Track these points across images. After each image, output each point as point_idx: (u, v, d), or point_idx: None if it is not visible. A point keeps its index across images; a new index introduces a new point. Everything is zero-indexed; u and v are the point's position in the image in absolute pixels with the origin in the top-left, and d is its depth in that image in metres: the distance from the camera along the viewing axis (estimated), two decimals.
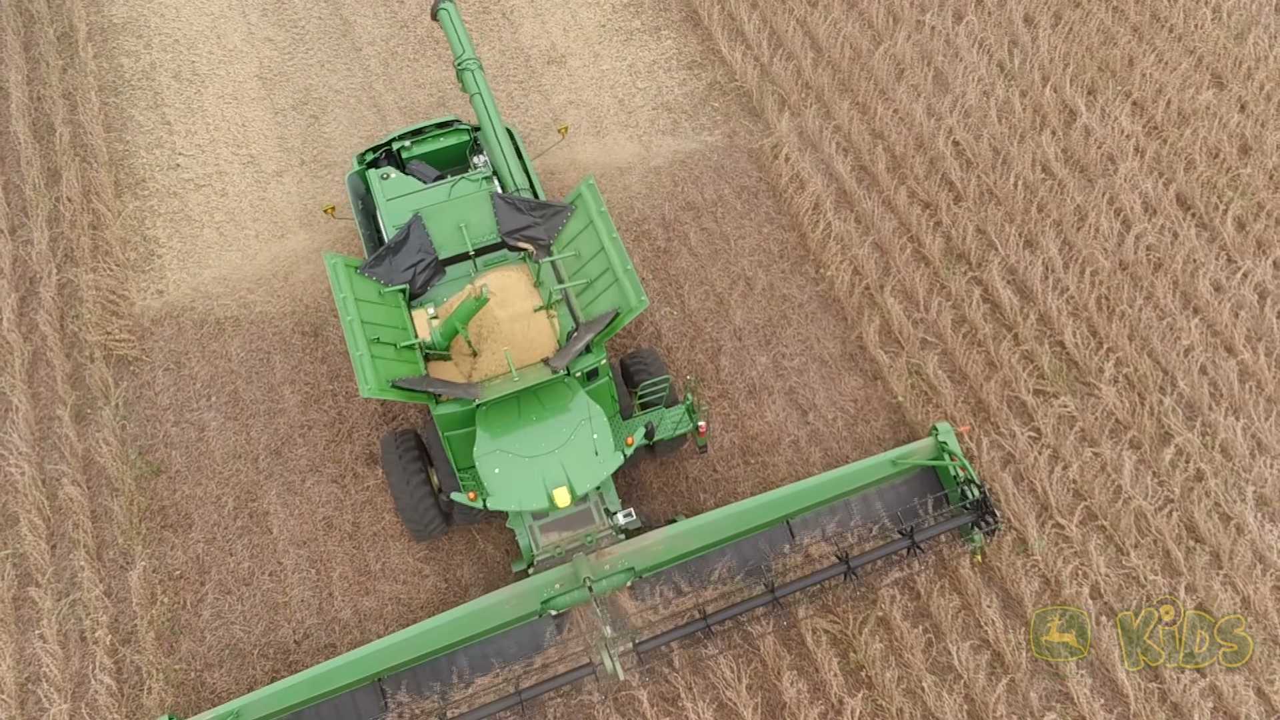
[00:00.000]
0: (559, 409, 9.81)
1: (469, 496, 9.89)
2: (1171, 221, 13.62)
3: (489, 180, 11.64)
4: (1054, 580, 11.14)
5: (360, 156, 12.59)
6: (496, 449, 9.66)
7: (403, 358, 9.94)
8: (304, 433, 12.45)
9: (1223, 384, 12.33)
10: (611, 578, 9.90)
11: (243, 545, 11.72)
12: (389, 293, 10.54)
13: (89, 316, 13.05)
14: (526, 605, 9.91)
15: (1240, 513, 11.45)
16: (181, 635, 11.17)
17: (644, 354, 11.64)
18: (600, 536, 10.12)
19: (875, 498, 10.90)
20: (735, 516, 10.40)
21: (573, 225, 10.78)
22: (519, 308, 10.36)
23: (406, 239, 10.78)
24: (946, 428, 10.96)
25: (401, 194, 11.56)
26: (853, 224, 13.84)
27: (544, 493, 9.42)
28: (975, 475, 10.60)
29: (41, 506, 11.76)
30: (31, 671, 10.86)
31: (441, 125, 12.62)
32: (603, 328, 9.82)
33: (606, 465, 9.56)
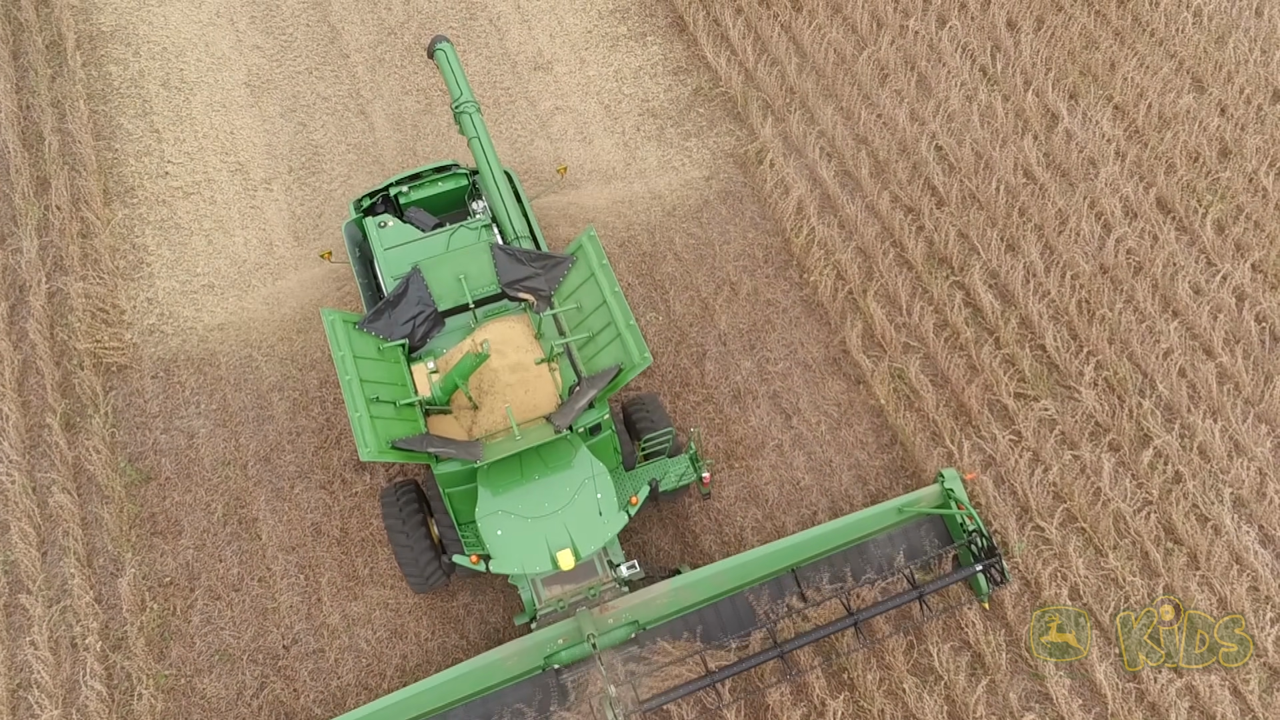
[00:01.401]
0: (561, 465, 9.70)
1: (472, 560, 9.85)
2: (1152, 225, 13.76)
3: (488, 229, 11.47)
4: (1034, 582, 11.28)
5: (357, 203, 12.37)
6: (499, 509, 9.52)
7: (403, 416, 9.80)
8: (292, 439, 12.56)
9: (1201, 386, 12.48)
10: (615, 632, 9.80)
11: (232, 551, 11.83)
12: (388, 348, 10.40)
13: (78, 325, 13.15)
14: (530, 661, 9.79)
15: (1218, 514, 11.60)
16: (172, 641, 11.29)
17: (646, 400, 11.48)
18: (604, 589, 9.94)
19: (883, 543, 10.82)
20: (740, 567, 10.27)
21: (574, 277, 10.65)
22: (520, 360, 10.24)
23: (405, 291, 10.65)
24: (953, 474, 10.84)
25: (399, 243, 11.36)
26: (836, 229, 13.97)
27: (548, 555, 9.29)
28: (983, 524, 10.52)
29: (32, 514, 11.87)
30: (23, 678, 10.97)
31: (439, 170, 12.42)
32: (606, 384, 9.69)
33: (611, 526, 9.45)
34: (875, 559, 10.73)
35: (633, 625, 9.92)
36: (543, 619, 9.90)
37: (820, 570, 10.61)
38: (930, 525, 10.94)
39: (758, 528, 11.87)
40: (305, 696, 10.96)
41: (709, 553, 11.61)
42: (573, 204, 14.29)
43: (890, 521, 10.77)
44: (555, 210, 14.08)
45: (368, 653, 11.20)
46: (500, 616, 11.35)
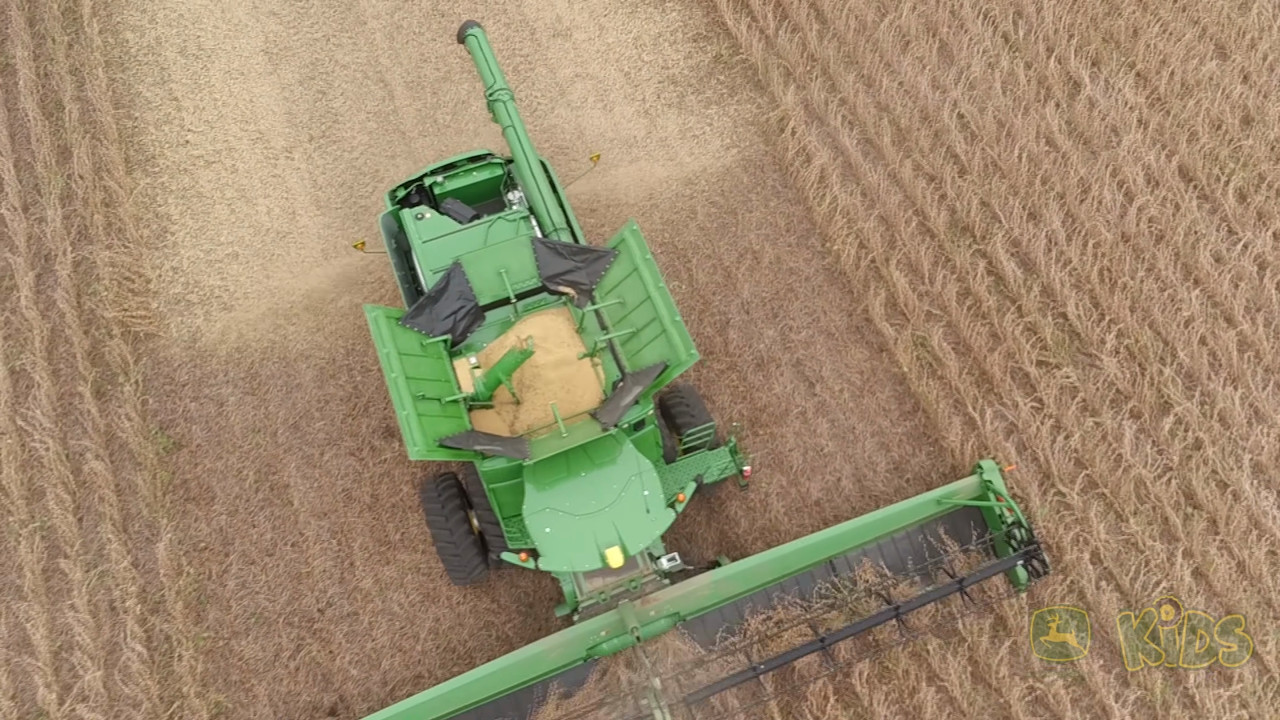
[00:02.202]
0: (606, 461, 9.70)
1: (520, 558, 9.96)
2: (1173, 193, 13.79)
3: (526, 220, 11.35)
4: (1055, 546, 11.47)
5: (392, 194, 12.20)
6: (546, 507, 9.55)
7: (448, 413, 9.78)
8: (321, 407, 12.68)
9: (1222, 354, 12.59)
10: (656, 623, 9.91)
11: (265, 517, 12.01)
12: (431, 344, 10.35)
13: (106, 294, 13.22)
14: (572, 653, 9.93)
15: (1237, 480, 11.76)
16: (208, 604, 11.49)
17: (684, 393, 11.46)
18: (645, 582, 9.99)
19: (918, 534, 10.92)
20: (779, 559, 10.39)
21: (616, 271, 10.57)
22: (562, 355, 10.19)
23: (446, 286, 10.56)
24: (992, 466, 10.90)
25: (437, 235, 11.21)
26: (859, 197, 14.00)
27: (596, 552, 9.31)
28: (1022, 516, 10.61)
29: (67, 481, 12.02)
30: (64, 640, 11.18)
31: (474, 159, 12.22)
32: (651, 381, 9.67)
33: (659, 523, 9.46)
34: (914, 550, 10.81)
35: (674, 617, 10.02)
36: (584, 611, 9.98)
37: (858, 562, 10.70)
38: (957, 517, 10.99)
39: (782, 493, 12.04)
40: (341, 658, 11.19)
41: (745, 539, 11.72)
42: (597, 177, 14.30)
43: (930, 512, 10.84)
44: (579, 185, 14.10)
45: (401, 616, 11.41)
46: (530, 580, 11.54)
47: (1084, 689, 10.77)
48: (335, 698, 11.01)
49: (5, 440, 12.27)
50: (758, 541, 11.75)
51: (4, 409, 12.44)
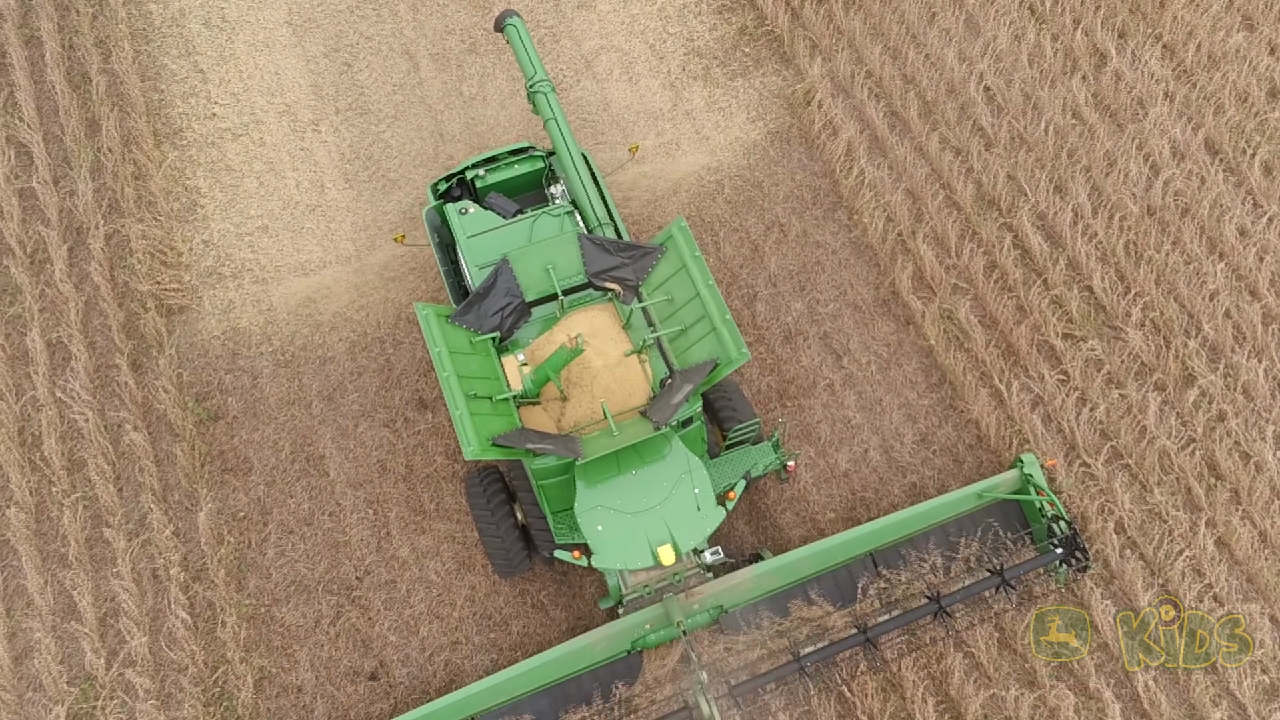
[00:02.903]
0: (656, 458, 9.74)
1: (574, 555, 10.10)
2: (1199, 166, 13.83)
3: (571, 215, 11.33)
4: (1080, 516, 11.66)
5: (434, 187, 12.19)
6: (598, 505, 9.57)
7: (499, 411, 9.83)
8: (354, 379, 12.84)
9: (1246, 327, 12.70)
10: (699, 616, 10.05)
11: (301, 488, 12.21)
12: (480, 341, 10.39)
13: (139, 267, 13.33)
14: (618, 645, 10.09)
15: (1260, 451, 11.92)
16: (249, 573, 11.73)
17: (728, 388, 11.52)
18: (689, 575, 10.10)
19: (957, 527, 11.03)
20: (820, 553, 10.50)
21: (663, 268, 10.55)
22: (609, 351, 10.22)
23: (494, 283, 10.55)
24: (1032, 459, 10.97)
25: (482, 230, 11.19)
26: (885, 170, 14.05)
27: (649, 550, 9.35)
28: (1064, 510, 10.71)
29: (106, 452, 12.21)
30: (110, 607, 11.43)
31: (515, 152, 12.18)
32: (702, 379, 9.70)
33: (710, 521, 9.52)
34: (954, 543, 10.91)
35: (717, 610, 10.16)
36: (629, 605, 10.14)
37: (899, 555, 10.82)
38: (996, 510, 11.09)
39: (810, 464, 12.22)
40: (380, 624, 11.44)
41: (773, 509, 11.89)
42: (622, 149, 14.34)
43: (970, 505, 10.94)
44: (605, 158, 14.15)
45: (438, 584, 11.64)
46: None
47: (1107, 654, 11.01)
48: (375, 663, 11.28)
49: (45, 412, 12.44)
50: (786, 511, 11.95)
51: (43, 381, 12.60)
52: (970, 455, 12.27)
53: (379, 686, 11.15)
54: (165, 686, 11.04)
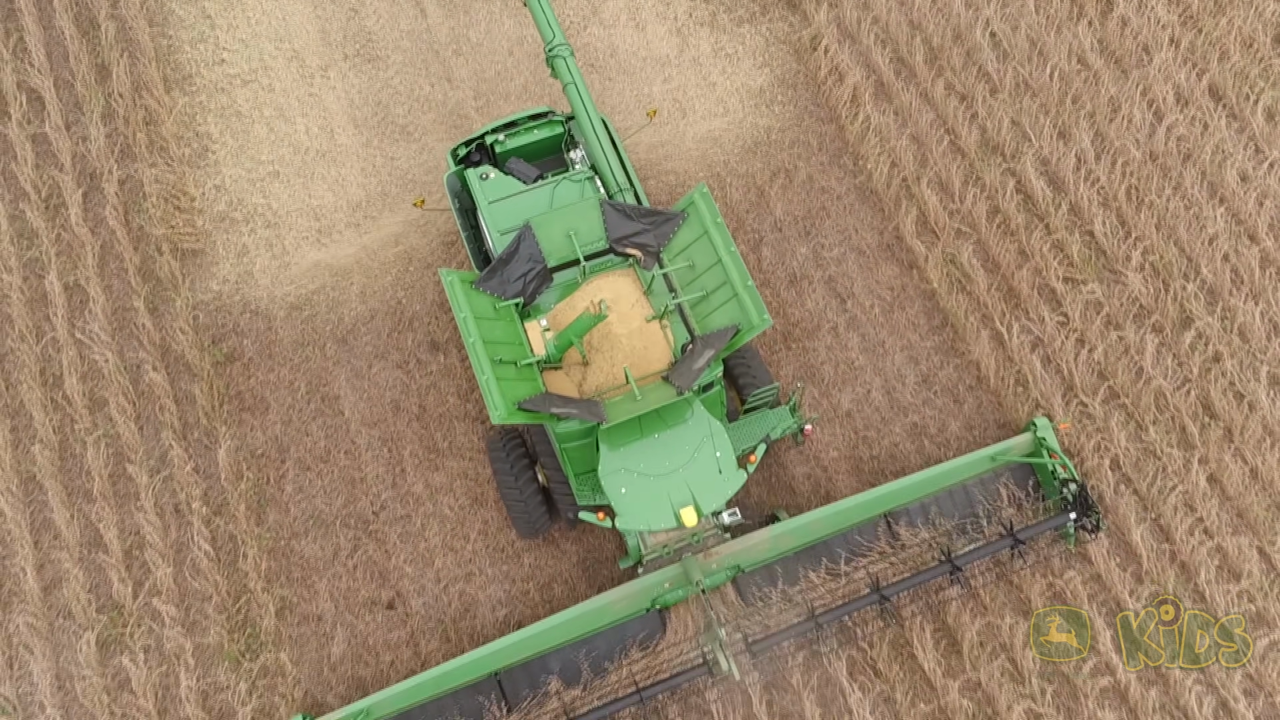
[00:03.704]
0: (678, 421, 9.92)
1: (599, 516, 10.34)
2: (1203, 112, 13.94)
3: (591, 181, 11.35)
4: (1076, 452, 11.97)
5: (453, 152, 12.18)
6: (621, 468, 9.76)
7: (523, 375, 9.95)
8: (367, 322, 13.09)
9: (1244, 270, 12.91)
10: (716, 575, 10.28)
11: (317, 426, 12.51)
12: (503, 307, 10.45)
13: (153, 211, 13.52)
14: (638, 604, 10.37)
15: (1254, 391, 12.20)
16: (268, 508, 12.07)
17: (747, 354, 11.64)
18: (707, 536, 10.34)
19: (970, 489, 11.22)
20: (835, 515, 10.74)
21: (684, 234, 10.60)
22: (630, 316, 10.34)
23: (517, 249, 10.58)
24: (1045, 423, 11.13)
25: (503, 196, 11.23)
26: (891, 116, 14.16)
27: (671, 512, 9.58)
28: (1076, 473, 10.88)
29: (127, 391, 12.50)
30: (135, 539, 11.80)
31: (535, 116, 12.15)
32: (724, 345, 9.80)
33: (731, 483, 9.74)
34: (966, 505, 11.13)
35: (734, 569, 10.41)
36: (649, 565, 10.40)
37: (913, 516, 11.05)
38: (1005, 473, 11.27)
39: (814, 405, 12.50)
40: (396, 557, 11.81)
41: (777, 448, 12.12)
42: (634, 97, 14.42)
43: (983, 468, 11.12)
44: (613, 106, 14.23)
45: (451, 518, 11.99)
46: None
47: (1099, 585, 11.38)
48: (392, 593, 11.66)
49: (65, 352, 12.72)
50: (789, 451, 12.25)
51: (62, 323, 12.86)
52: (970, 396, 12.56)
53: (396, 615, 11.55)
54: (190, 614, 11.44)
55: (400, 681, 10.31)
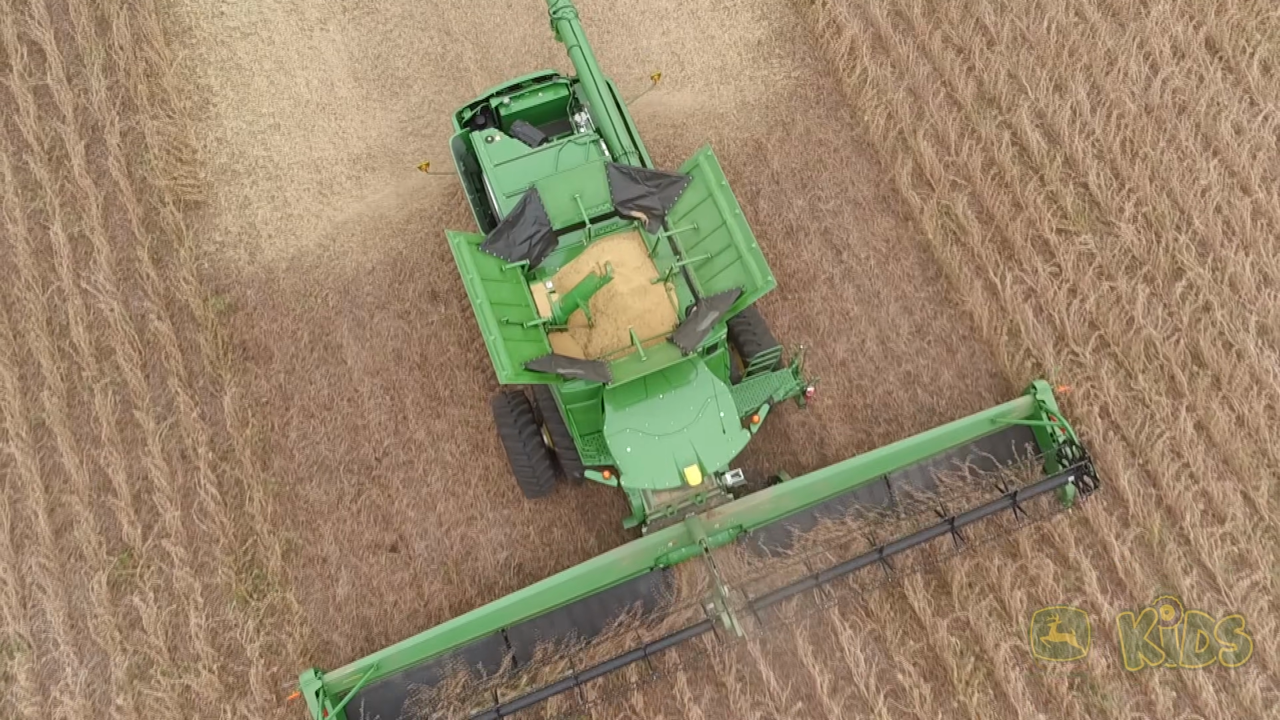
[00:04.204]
0: (682, 382, 10.06)
1: (604, 475, 10.50)
2: (1199, 65, 13.99)
3: (597, 144, 11.41)
4: (1066, 401, 12.18)
5: (458, 115, 12.18)
6: (627, 428, 9.95)
7: (529, 337, 10.06)
8: (368, 273, 13.25)
9: (1236, 222, 13.05)
10: (719, 535, 10.44)
11: (321, 375, 12.72)
12: (510, 269, 10.52)
13: (155, 162, 13.63)
14: (642, 562, 10.52)
15: (1242, 340, 12.39)
16: (273, 454, 12.32)
17: (750, 317, 11.74)
18: (710, 496, 10.53)
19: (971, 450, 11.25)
20: (837, 475, 10.84)
21: (689, 196, 10.63)
22: (635, 279, 10.43)
23: (523, 212, 10.63)
24: (1045, 386, 11.19)
25: (508, 159, 11.29)
26: (888, 69, 14.22)
27: (676, 471, 9.81)
28: (1075, 435, 10.95)
29: (133, 340, 12.70)
30: (143, 484, 12.05)
31: (539, 79, 12.14)
32: (728, 307, 9.90)
33: (735, 443, 9.95)
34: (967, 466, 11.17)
35: (737, 529, 10.57)
36: (653, 524, 10.59)
37: (913, 477, 11.14)
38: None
39: (809, 354, 12.70)
40: (399, 501, 12.07)
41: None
42: (628, 45, 14.46)
43: (983, 430, 11.20)
44: (615, 57, 14.27)
45: (453, 464, 12.24)
46: None
47: (1086, 528, 11.65)
48: (395, 536, 11.94)
49: (71, 302, 12.90)
50: (792, 413, 12.41)
51: (67, 273, 13.03)
52: (963, 345, 12.75)
53: (399, 558, 11.84)
54: (199, 556, 11.73)
55: (409, 636, 10.52)
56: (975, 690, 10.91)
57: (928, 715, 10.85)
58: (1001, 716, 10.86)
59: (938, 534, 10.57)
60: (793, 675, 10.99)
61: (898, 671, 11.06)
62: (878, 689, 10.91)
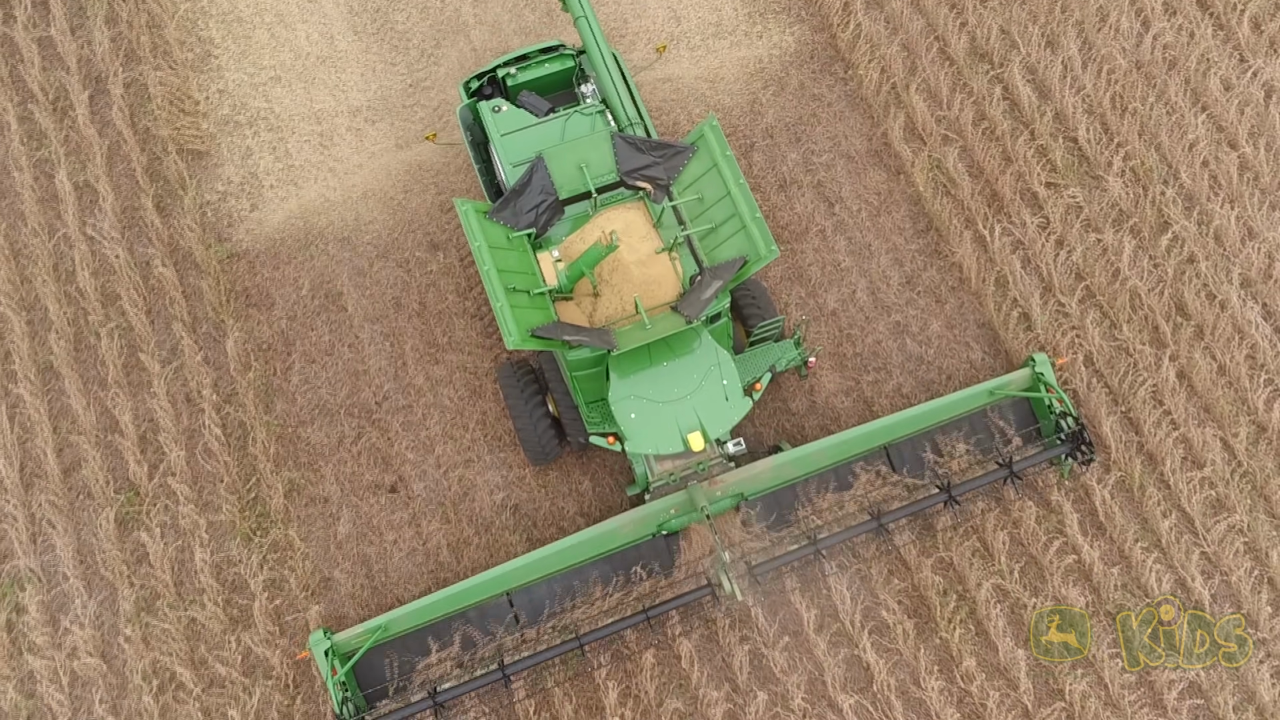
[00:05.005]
0: (686, 351, 10.26)
1: (608, 440, 10.66)
2: (1190, 21, 14.13)
3: (603, 114, 11.49)
4: (1052, 350, 12.44)
5: (465, 85, 12.27)
6: (631, 395, 10.11)
7: (536, 305, 10.15)
8: (368, 223, 13.47)
9: (1222, 176, 13.24)
10: (721, 502, 10.64)
11: (322, 321, 12.99)
12: (516, 237, 10.62)
13: (159, 113, 13.83)
14: (644, 529, 10.72)
15: (1225, 292, 12.63)
16: (275, 397, 12.61)
17: (753, 287, 11.89)
18: (712, 465, 10.65)
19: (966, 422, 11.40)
20: (837, 446, 11.00)
21: (694, 167, 10.72)
22: (640, 248, 10.56)
23: (530, 181, 10.71)
24: (1044, 359, 11.33)
25: (515, 129, 11.39)
26: (882, 24, 14.36)
27: (679, 437, 9.99)
28: (1073, 408, 11.11)
29: (138, 285, 12.95)
30: (149, 425, 12.36)
31: (545, 50, 12.23)
32: (731, 276, 10.02)
33: (736, 410, 10.12)
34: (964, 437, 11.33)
35: (738, 496, 10.77)
36: (655, 491, 10.78)
37: (911, 448, 11.28)
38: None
39: (801, 304, 12.95)
40: (398, 444, 12.36)
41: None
42: (627, 5, 14.61)
43: (982, 402, 11.33)
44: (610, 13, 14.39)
45: (451, 409, 12.52)
46: None
47: (1076, 482, 11.94)
48: (395, 477, 12.25)
49: (77, 248, 13.15)
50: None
51: (73, 220, 13.26)
52: (952, 296, 12.99)
53: (398, 498, 12.15)
54: (203, 494, 12.05)
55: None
56: (957, 626, 11.26)
57: (910, 650, 11.19)
58: (982, 651, 11.21)
59: (935, 503, 10.78)
60: (780, 612, 11.33)
61: (882, 609, 11.40)
62: (862, 625, 11.25)
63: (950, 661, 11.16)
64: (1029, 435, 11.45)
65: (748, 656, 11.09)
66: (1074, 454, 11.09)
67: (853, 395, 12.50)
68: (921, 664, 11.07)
